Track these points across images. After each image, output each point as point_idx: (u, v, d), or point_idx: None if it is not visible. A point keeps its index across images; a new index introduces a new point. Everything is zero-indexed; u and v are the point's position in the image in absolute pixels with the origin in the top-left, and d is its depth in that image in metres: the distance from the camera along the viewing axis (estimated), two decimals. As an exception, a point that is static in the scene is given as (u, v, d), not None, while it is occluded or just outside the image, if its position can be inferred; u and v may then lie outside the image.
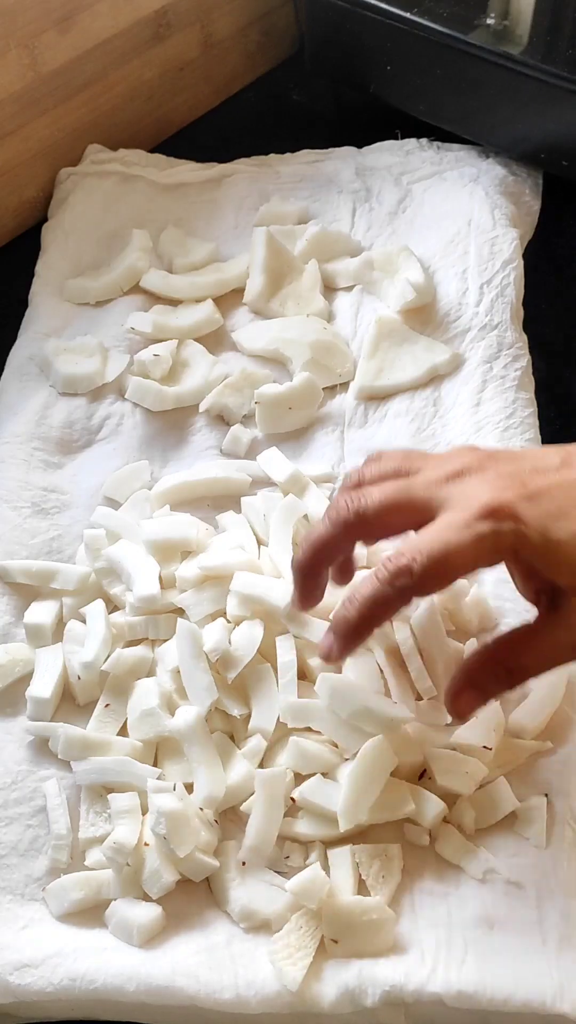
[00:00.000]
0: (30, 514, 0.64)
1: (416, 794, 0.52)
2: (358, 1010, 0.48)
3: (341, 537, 0.50)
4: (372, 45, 0.80)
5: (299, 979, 0.47)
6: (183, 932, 0.50)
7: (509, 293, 0.72)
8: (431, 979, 0.47)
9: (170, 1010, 0.48)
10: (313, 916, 0.49)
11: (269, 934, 0.49)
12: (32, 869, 0.52)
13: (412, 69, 0.80)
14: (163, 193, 0.81)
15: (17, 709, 0.57)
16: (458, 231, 0.75)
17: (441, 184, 0.79)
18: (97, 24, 0.78)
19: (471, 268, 0.73)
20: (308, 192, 0.81)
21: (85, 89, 0.81)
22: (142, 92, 0.85)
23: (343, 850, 0.51)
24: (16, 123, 0.77)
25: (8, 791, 0.54)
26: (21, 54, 0.74)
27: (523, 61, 0.74)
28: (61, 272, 0.76)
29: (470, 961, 0.48)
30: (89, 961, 0.48)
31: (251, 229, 0.77)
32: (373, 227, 0.78)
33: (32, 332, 0.73)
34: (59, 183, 0.81)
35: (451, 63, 0.77)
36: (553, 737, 0.55)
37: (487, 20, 0.77)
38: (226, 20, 0.88)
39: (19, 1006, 0.49)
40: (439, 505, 0.47)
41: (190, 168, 0.83)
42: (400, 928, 0.50)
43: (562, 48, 0.76)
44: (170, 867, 0.50)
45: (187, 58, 0.87)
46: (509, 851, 0.52)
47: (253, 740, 0.54)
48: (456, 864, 0.52)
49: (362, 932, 0.49)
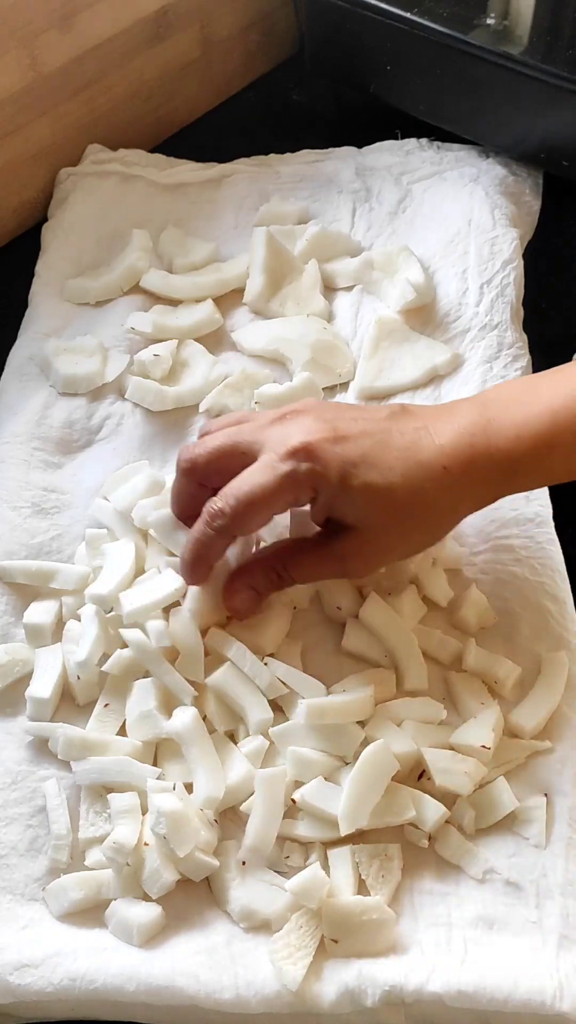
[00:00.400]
0: (30, 514, 0.64)
1: (417, 799, 0.52)
2: (358, 1010, 0.48)
3: (184, 483, 0.55)
4: (372, 45, 0.80)
5: (299, 979, 0.47)
6: (183, 932, 0.50)
7: (509, 293, 0.71)
8: (431, 979, 0.47)
9: (170, 1010, 0.48)
10: (313, 916, 0.49)
11: (269, 934, 0.49)
12: (32, 869, 0.52)
13: (412, 69, 0.80)
14: (163, 193, 0.81)
15: (17, 709, 0.57)
16: (458, 231, 0.75)
17: (441, 184, 0.79)
18: (97, 24, 0.78)
19: (471, 268, 0.73)
20: (308, 192, 0.80)
21: (85, 89, 0.80)
22: (142, 92, 0.85)
23: (343, 850, 0.51)
24: (16, 123, 0.77)
25: (8, 791, 0.54)
26: (21, 54, 0.74)
27: (523, 61, 0.74)
28: (61, 272, 0.76)
29: (470, 961, 0.48)
30: (89, 961, 0.48)
31: (251, 229, 0.77)
32: (373, 227, 0.78)
33: (32, 332, 0.73)
34: (59, 183, 0.81)
35: (451, 63, 0.77)
36: (552, 736, 0.55)
37: (487, 20, 0.77)
38: (226, 20, 0.88)
39: (19, 1006, 0.49)
40: (259, 448, 0.52)
41: (190, 168, 0.83)
42: (400, 928, 0.50)
43: (562, 48, 0.76)
44: (170, 867, 0.50)
45: (187, 58, 0.87)
46: (508, 851, 0.52)
47: (254, 741, 0.54)
48: (456, 864, 0.52)
49: (362, 932, 0.49)
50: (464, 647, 0.57)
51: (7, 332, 0.74)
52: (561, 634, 0.58)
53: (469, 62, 0.76)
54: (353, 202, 0.79)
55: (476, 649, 0.57)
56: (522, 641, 0.58)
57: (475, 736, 0.53)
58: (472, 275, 0.72)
